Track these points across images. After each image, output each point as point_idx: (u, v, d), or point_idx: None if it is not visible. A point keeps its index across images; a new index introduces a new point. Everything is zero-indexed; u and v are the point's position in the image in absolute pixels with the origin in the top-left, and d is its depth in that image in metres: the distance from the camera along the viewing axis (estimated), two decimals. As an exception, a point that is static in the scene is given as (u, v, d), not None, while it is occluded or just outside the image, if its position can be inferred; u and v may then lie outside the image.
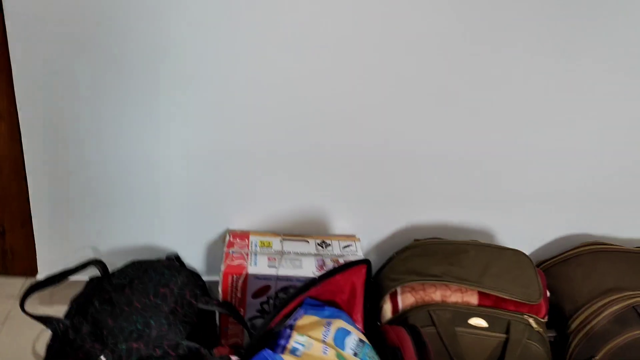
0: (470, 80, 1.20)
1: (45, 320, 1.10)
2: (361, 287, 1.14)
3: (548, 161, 1.32)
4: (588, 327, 1.21)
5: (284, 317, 1.06)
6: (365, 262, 1.12)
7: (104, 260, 1.20)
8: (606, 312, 1.20)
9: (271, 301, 1.24)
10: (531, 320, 1.16)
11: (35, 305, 1.33)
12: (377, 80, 1.18)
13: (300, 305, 1.07)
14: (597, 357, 1.19)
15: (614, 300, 1.21)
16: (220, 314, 1.24)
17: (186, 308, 1.15)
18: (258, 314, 1.25)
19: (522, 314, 1.17)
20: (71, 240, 1.30)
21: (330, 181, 1.30)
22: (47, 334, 1.08)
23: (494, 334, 1.14)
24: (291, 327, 1.05)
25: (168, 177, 1.25)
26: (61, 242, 1.29)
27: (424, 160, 1.29)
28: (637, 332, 1.17)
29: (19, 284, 1.40)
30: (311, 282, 1.06)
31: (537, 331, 1.16)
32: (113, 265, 1.21)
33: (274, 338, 1.04)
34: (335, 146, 1.26)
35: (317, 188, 1.31)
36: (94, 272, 1.24)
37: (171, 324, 1.09)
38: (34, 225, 1.27)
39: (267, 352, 0.98)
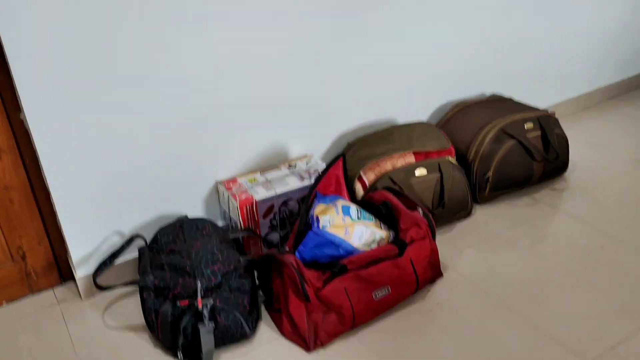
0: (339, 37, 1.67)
1: (132, 282, 1.36)
2: (342, 176, 1.58)
3: (409, 66, 1.86)
4: (479, 153, 1.79)
5: (307, 210, 1.46)
6: (341, 156, 1.55)
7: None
8: (487, 139, 1.79)
9: (277, 216, 1.61)
10: (450, 159, 1.71)
11: (78, 299, 1.54)
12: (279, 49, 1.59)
13: (315, 198, 1.48)
14: (491, 170, 1.78)
15: (487, 131, 1.81)
16: (242, 239, 1.58)
17: (225, 238, 1.48)
18: (269, 230, 1.62)
19: (444, 157, 1.71)
20: (98, 233, 1.52)
21: (281, 120, 1.69)
22: (111, 313, 1.34)
23: (432, 175, 1.67)
24: (314, 215, 1.45)
25: (161, 152, 1.53)
26: (91, 237, 1.51)
27: (340, 84, 1.74)
28: (508, 143, 1.79)
29: (50, 295, 1.58)
30: (318, 179, 1.47)
31: (455, 164, 1.72)
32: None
33: (308, 226, 1.44)
34: (278, 94, 1.64)
35: (272, 129, 1.68)
36: (134, 251, 1.51)
37: (226, 249, 1.43)
38: (66, 233, 1.47)
39: (314, 230, 1.39)
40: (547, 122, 1.85)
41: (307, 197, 1.45)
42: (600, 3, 2.28)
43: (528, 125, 1.82)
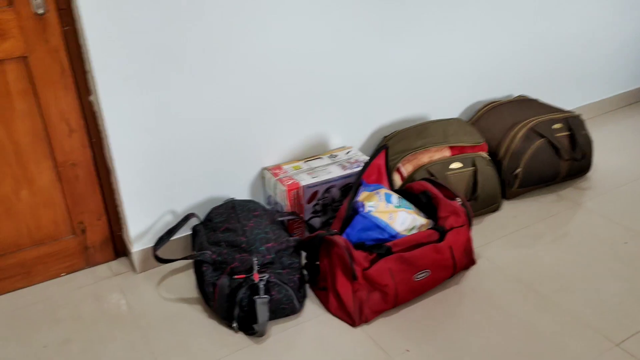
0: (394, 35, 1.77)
1: (192, 256, 1.46)
2: (384, 167, 1.68)
3: (442, 66, 1.96)
4: (510, 150, 1.89)
5: (352, 197, 1.56)
6: (385, 147, 1.65)
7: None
8: (517, 137, 1.89)
9: (320, 202, 1.71)
10: (483, 154, 1.81)
11: (132, 273, 1.64)
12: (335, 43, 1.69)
13: (360, 185, 1.58)
14: (520, 166, 1.88)
15: (518, 129, 1.91)
16: (287, 222, 1.68)
17: (274, 220, 1.59)
18: (312, 215, 1.73)
19: (477, 152, 1.81)
20: (154, 211, 1.62)
21: (324, 113, 1.79)
22: (164, 286, 1.45)
23: (467, 169, 1.77)
24: (359, 201, 1.55)
25: (216, 138, 1.63)
26: (148, 214, 1.61)
27: (378, 81, 1.84)
28: (538, 142, 1.89)
29: (105, 269, 1.68)
30: (364, 167, 1.57)
31: (488, 160, 1.82)
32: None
33: (354, 210, 1.54)
34: (323, 89, 1.74)
35: (315, 121, 1.78)
36: (184, 230, 1.61)
37: (277, 229, 1.53)
38: (126, 210, 1.57)
39: (362, 213, 1.49)
40: (574, 123, 1.95)
41: (355, 184, 1.55)
42: (621, 11, 2.37)
43: (556, 126, 1.92)
